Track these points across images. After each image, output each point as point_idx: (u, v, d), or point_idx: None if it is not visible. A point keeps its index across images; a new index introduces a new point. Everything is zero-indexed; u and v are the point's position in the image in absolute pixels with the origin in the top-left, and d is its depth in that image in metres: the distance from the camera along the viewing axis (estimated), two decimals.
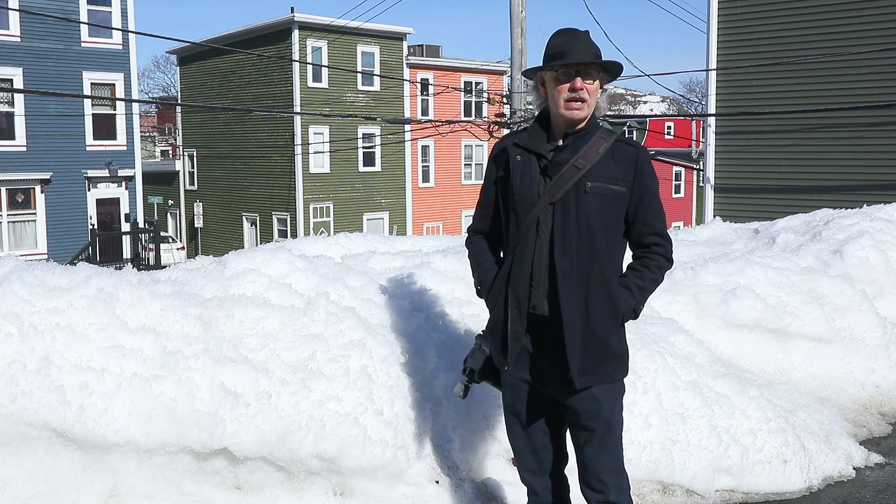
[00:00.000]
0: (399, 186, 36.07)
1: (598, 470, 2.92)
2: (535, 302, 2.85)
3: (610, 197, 2.81)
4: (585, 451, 2.93)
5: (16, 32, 25.39)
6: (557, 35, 2.88)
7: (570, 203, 2.79)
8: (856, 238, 6.51)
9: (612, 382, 2.90)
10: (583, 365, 2.81)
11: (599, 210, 2.80)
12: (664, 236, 2.93)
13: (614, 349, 2.87)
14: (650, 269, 2.91)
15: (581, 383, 2.81)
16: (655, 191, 2.91)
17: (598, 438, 2.90)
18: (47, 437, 3.21)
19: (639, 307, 2.92)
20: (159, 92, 65.76)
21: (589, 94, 2.81)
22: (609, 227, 2.83)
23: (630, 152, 2.86)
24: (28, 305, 3.41)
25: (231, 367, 3.45)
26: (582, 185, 2.79)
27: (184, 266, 4.50)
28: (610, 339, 2.84)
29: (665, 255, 2.93)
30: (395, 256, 5.21)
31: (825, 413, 5.02)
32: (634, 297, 2.88)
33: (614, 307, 2.83)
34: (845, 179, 14.01)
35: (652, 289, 2.94)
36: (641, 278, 2.90)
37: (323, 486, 3.56)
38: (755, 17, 15.05)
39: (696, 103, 53.01)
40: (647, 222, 2.89)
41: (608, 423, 2.90)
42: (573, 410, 2.90)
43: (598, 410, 2.87)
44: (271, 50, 31.97)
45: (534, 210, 2.83)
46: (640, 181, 2.85)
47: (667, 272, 3.00)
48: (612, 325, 2.84)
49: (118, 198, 28.33)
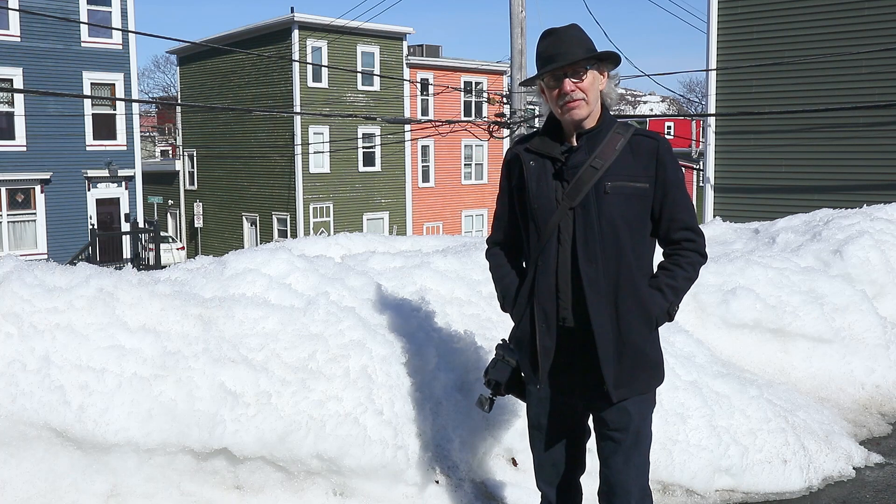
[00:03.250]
0: (399, 186, 36.07)
1: (621, 485, 2.78)
2: (563, 314, 2.71)
3: (632, 195, 2.67)
4: (610, 463, 2.80)
5: (16, 32, 25.38)
6: (542, 38, 2.74)
7: (591, 206, 2.65)
8: (856, 238, 6.51)
9: (645, 393, 2.77)
10: (618, 376, 2.66)
11: (622, 210, 2.66)
12: (695, 230, 2.77)
13: (650, 356, 2.73)
14: (682, 267, 2.75)
15: (618, 396, 2.67)
16: (681, 183, 2.74)
17: (624, 451, 2.76)
18: (47, 437, 3.21)
19: (673, 309, 2.76)
20: (159, 92, 65.83)
21: (584, 91, 2.66)
22: (634, 227, 2.68)
23: (649, 145, 2.70)
24: (28, 305, 3.41)
25: (231, 367, 3.45)
26: (602, 186, 2.64)
27: (184, 266, 4.50)
28: (645, 346, 2.71)
29: (697, 249, 2.77)
30: (394, 256, 5.21)
31: (825, 413, 5.02)
32: (667, 298, 2.73)
33: (646, 311, 2.69)
34: (845, 179, 14.01)
35: (686, 287, 2.78)
36: (674, 277, 2.74)
37: (323, 486, 3.56)
38: (755, 17, 15.05)
39: (696, 103, 53.03)
40: (675, 217, 2.73)
41: (637, 435, 2.77)
42: (602, 420, 2.78)
43: (628, 422, 2.74)
44: (271, 50, 31.97)
45: (553, 217, 2.69)
46: (662, 175, 2.69)
47: (702, 267, 2.83)
48: (645, 331, 2.70)
49: (118, 198, 28.33)
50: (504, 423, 3.93)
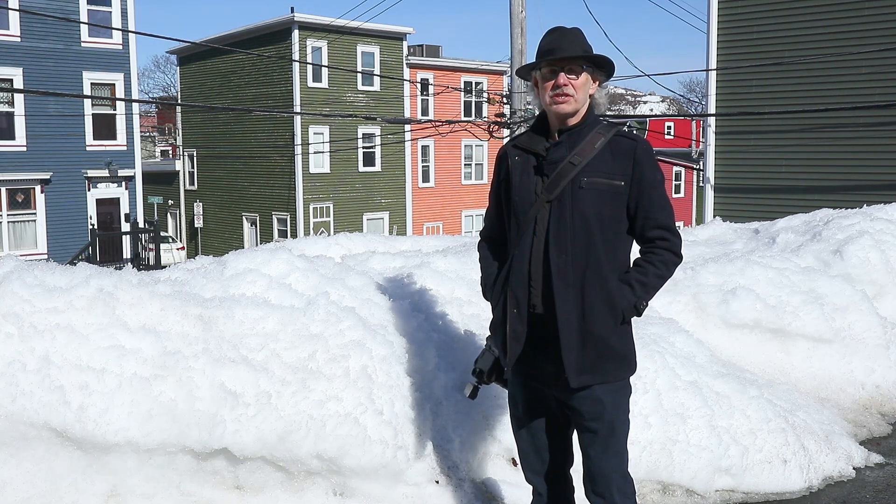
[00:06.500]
0: (399, 186, 36.07)
1: (601, 473, 2.86)
2: (534, 301, 2.82)
3: (607, 192, 2.76)
4: (589, 453, 2.88)
5: (16, 32, 25.38)
6: (547, 34, 2.86)
7: (566, 200, 2.76)
8: (856, 238, 6.50)
9: (615, 382, 2.85)
10: (580, 364, 2.76)
11: (596, 206, 2.75)
12: (670, 229, 2.85)
13: (615, 347, 2.81)
14: (654, 265, 2.83)
15: (578, 382, 2.77)
16: (658, 183, 2.82)
17: (601, 440, 2.85)
18: (47, 437, 3.21)
19: (640, 304, 2.84)
20: (159, 92, 65.81)
21: (575, 89, 2.77)
22: (607, 222, 2.77)
23: (628, 145, 2.80)
24: (28, 305, 3.41)
25: (231, 367, 3.45)
26: (577, 182, 2.76)
27: (184, 266, 4.50)
28: (609, 337, 2.79)
29: (671, 249, 2.85)
30: (394, 256, 5.21)
31: (825, 413, 5.02)
32: (636, 293, 2.81)
33: (613, 304, 2.77)
34: (845, 179, 14.01)
35: (657, 284, 2.87)
36: (644, 274, 2.82)
37: (323, 486, 3.56)
38: (755, 17, 15.05)
39: (696, 103, 53.02)
40: (650, 216, 2.81)
41: (611, 424, 2.85)
42: (576, 411, 2.87)
43: (601, 411, 2.83)
44: (271, 50, 31.97)
45: (531, 209, 2.81)
46: (639, 174, 2.78)
47: (677, 267, 2.92)
48: (610, 323, 2.78)
49: (118, 198, 28.32)
50: (504, 422, 3.93)
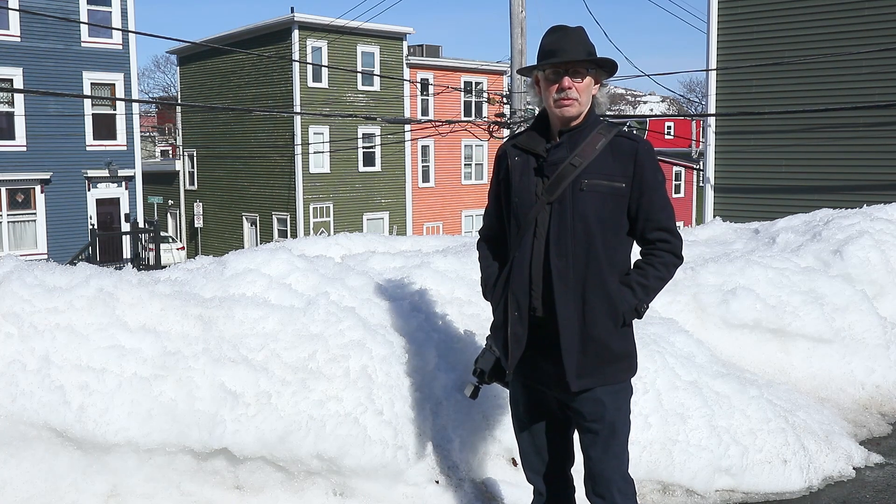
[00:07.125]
0: (399, 186, 36.06)
1: (602, 474, 2.85)
2: (535, 304, 2.80)
3: (608, 194, 2.74)
4: (590, 454, 2.87)
5: (16, 32, 25.37)
6: (549, 33, 2.83)
7: (567, 202, 2.74)
8: (856, 238, 6.50)
9: (617, 384, 2.84)
10: (581, 367, 2.74)
11: (597, 207, 2.73)
12: (671, 231, 2.84)
13: (615, 350, 2.79)
14: (654, 267, 2.82)
15: (578, 386, 2.75)
16: (659, 185, 2.81)
17: (602, 441, 2.84)
18: (47, 437, 3.21)
19: (641, 306, 2.82)
20: (159, 92, 65.79)
21: (579, 92, 2.76)
22: (608, 224, 2.75)
23: (629, 146, 2.78)
24: (28, 305, 3.41)
25: (231, 367, 3.45)
26: (578, 183, 2.73)
27: (184, 266, 4.50)
28: (610, 340, 2.77)
29: (672, 250, 2.84)
30: (394, 256, 5.21)
31: (825, 413, 5.02)
32: (636, 295, 2.79)
33: (613, 307, 2.75)
34: (845, 179, 14.01)
35: (657, 286, 2.85)
36: (645, 276, 2.81)
37: (323, 486, 3.56)
38: (755, 17, 15.05)
39: (696, 103, 53.01)
40: (651, 217, 2.79)
41: (612, 425, 2.84)
42: (577, 412, 2.86)
43: (602, 413, 2.81)
44: (271, 50, 31.96)
45: (532, 211, 2.79)
46: (640, 175, 2.76)
47: (677, 269, 2.90)
48: (610, 326, 2.77)
49: (118, 198, 28.32)
50: (504, 422, 3.93)
